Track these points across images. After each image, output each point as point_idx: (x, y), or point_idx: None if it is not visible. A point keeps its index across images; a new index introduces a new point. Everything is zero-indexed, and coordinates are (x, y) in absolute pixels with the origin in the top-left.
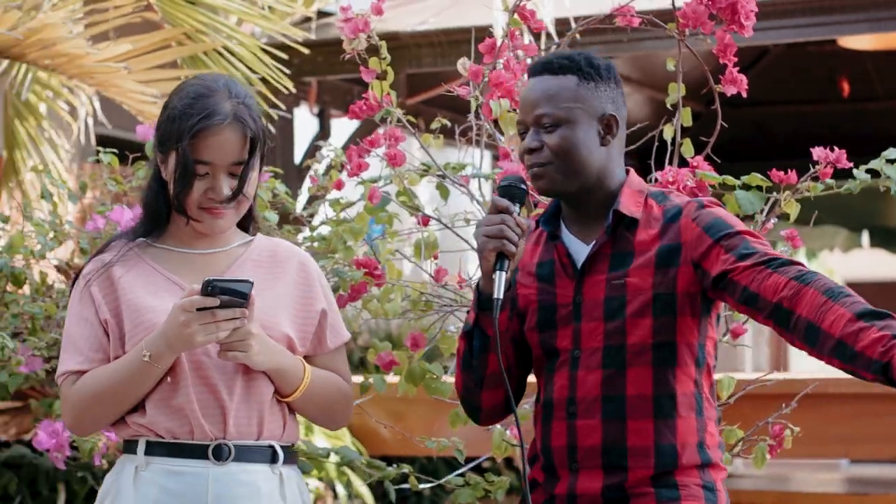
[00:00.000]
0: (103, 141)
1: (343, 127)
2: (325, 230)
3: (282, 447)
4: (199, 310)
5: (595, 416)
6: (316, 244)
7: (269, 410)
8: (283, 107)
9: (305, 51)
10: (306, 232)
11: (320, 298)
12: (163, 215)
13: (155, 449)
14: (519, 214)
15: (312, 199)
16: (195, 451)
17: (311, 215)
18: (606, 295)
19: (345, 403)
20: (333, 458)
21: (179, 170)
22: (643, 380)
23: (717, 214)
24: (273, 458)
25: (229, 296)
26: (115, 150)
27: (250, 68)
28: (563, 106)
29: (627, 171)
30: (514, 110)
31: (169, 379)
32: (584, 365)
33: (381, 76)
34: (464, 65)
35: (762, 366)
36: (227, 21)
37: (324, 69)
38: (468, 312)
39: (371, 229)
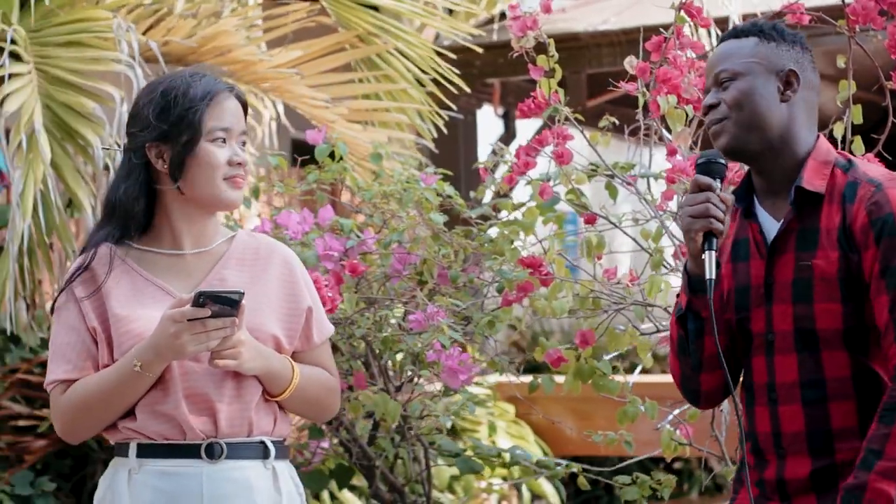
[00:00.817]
0: (299, 146)
1: (529, 127)
2: (494, 232)
3: (273, 442)
4: (189, 320)
5: (795, 402)
6: (485, 245)
7: (259, 407)
8: (454, 107)
9: (479, 50)
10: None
11: (306, 296)
12: (144, 215)
13: (147, 451)
14: (721, 190)
15: (493, 198)
16: (188, 451)
17: (483, 217)
18: (795, 277)
19: (332, 398)
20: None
21: (190, 133)
22: (840, 362)
23: (892, 208)
24: (265, 454)
25: (220, 306)
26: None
27: (423, 70)
28: (739, 61)
29: (818, 138)
30: (682, 107)
31: (158, 385)
32: (779, 349)
33: (549, 74)
34: (630, 63)
35: None
36: (400, 23)
37: (507, 70)
38: (677, 296)
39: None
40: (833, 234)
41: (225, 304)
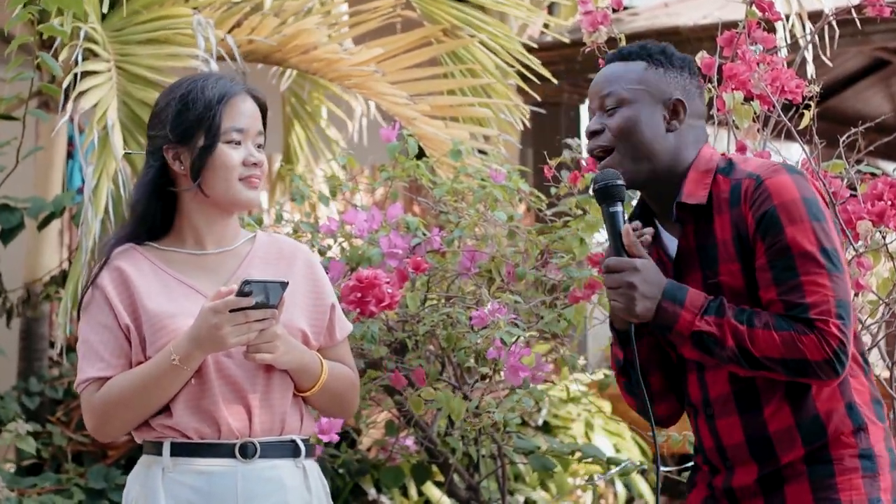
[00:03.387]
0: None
1: None
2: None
3: (302, 441)
4: (231, 311)
5: (732, 414)
6: (554, 242)
7: (290, 406)
8: (538, 98)
9: (566, 40)
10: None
11: (329, 293)
12: (163, 216)
13: (181, 449)
14: (623, 212)
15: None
16: (222, 451)
17: (558, 214)
18: (706, 293)
19: (353, 393)
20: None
21: (209, 138)
22: None
23: (773, 201)
24: (296, 453)
25: (264, 296)
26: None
27: (509, 64)
28: (625, 87)
29: (700, 149)
30: (749, 100)
31: (193, 381)
32: (709, 365)
33: None
34: (700, 58)
35: None
36: (486, 17)
37: None
38: (612, 346)
39: None
40: (729, 245)
41: (267, 295)
